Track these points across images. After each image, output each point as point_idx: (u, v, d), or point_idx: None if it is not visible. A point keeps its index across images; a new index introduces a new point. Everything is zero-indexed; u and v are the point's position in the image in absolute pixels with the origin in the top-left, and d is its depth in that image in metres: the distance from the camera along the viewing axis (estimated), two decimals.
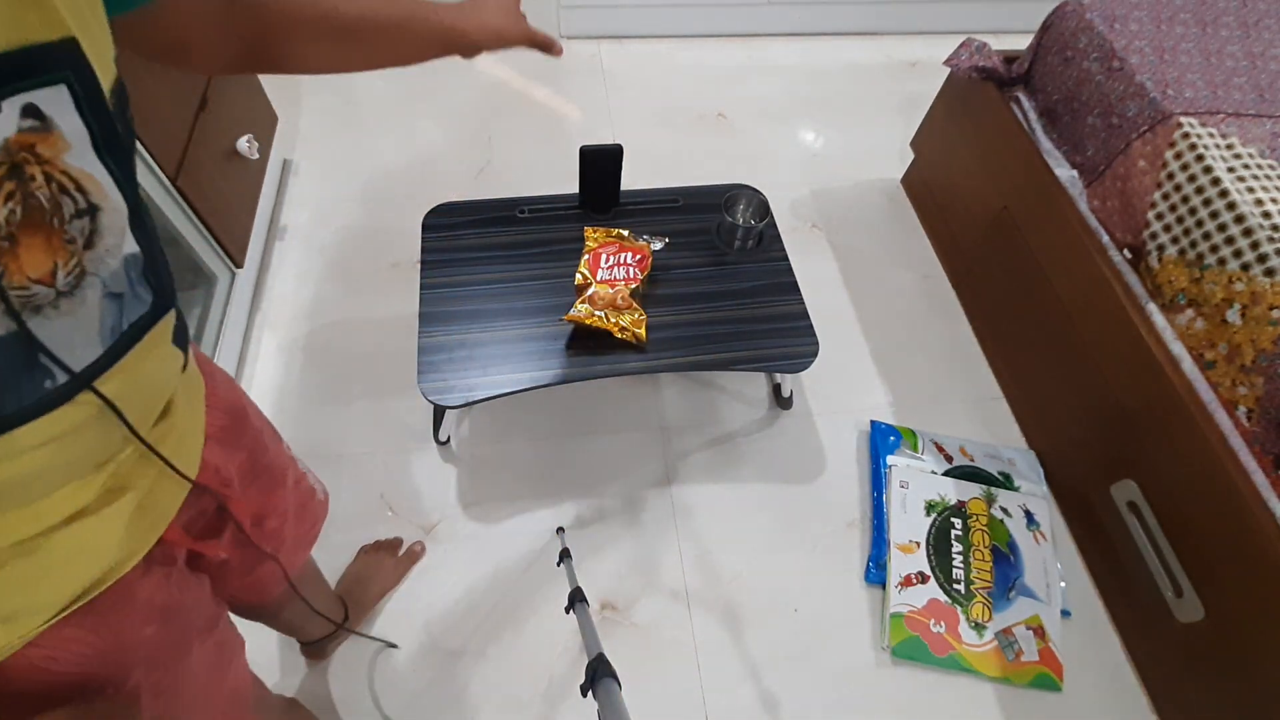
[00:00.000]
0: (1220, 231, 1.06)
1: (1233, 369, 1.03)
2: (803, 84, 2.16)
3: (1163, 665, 1.16)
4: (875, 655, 1.19)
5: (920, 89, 1.89)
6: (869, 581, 1.25)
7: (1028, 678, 1.16)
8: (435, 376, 1.10)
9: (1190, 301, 1.09)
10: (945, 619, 1.19)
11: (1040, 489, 1.36)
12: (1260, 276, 1.01)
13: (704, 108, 2.06)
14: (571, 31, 2.20)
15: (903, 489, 1.32)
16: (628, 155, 1.28)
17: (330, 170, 1.79)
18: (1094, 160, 1.28)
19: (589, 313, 1.12)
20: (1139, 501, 1.14)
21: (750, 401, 1.47)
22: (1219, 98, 1.19)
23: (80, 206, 0.36)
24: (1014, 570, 1.24)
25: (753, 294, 1.24)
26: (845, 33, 2.32)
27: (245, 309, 1.47)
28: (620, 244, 1.22)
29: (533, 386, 1.10)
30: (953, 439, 1.41)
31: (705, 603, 1.22)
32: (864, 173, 1.93)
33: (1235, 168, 1.09)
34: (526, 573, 1.23)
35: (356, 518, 1.25)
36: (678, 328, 1.18)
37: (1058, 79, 1.38)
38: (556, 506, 1.30)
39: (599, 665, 0.68)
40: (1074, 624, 1.23)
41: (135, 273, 0.41)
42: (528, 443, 1.37)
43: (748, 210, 1.31)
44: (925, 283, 1.71)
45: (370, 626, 1.16)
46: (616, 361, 1.13)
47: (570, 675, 1.14)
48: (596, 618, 1.19)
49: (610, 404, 1.44)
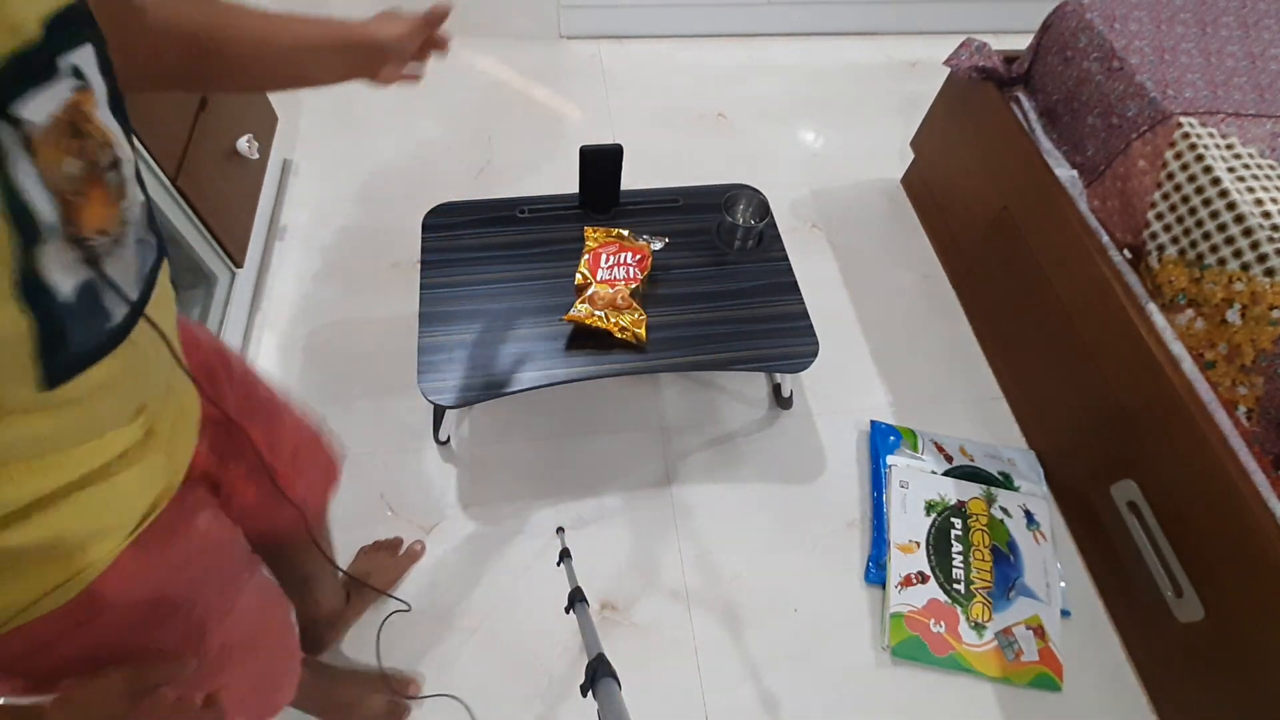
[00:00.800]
0: (1220, 231, 1.06)
1: (1233, 369, 1.03)
2: (803, 84, 2.16)
3: (1163, 665, 1.16)
4: (875, 655, 1.19)
5: (920, 89, 1.89)
6: (869, 581, 1.25)
7: (1028, 678, 1.16)
8: (435, 376, 1.10)
9: (1190, 301, 1.09)
10: (945, 619, 1.19)
11: (1040, 489, 1.36)
12: (1260, 276, 1.01)
13: (704, 108, 2.06)
14: (571, 31, 2.20)
15: (903, 489, 1.32)
16: (628, 155, 1.28)
17: (330, 170, 1.79)
18: (1094, 160, 1.28)
19: (589, 313, 1.12)
20: (1139, 501, 1.14)
21: (750, 401, 1.47)
22: (1219, 98, 1.19)
23: (111, 159, 0.39)
24: (1014, 570, 1.24)
25: (753, 294, 1.24)
26: (845, 33, 2.32)
27: (245, 309, 1.47)
28: (620, 244, 1.22)
29: (533, 386, 1.10)
30: (953, 439, 1.41)
31: (705, 603, 1.22)
32: (864, 173, 1.93)
33: (1235, 168, 1.09)
34: (526, 573, 1.23)
35: (356, 518, 1.25)
36: (678, 328, 1.18)
37: (1058, 79, 1.38)
38: (556, 506, 1.30)
39: (599, 665, 0.68)
40: (1074, 624, 1.23)
41: (146, 219, 0.45)
42: (528, 443, 1.37)
43: (748, 210, 1.31)
44: (925, 283, 1.71)
45: (367, 629, 1.16)
46: (616, 361, 1.13)
47: (570, 675, 1.14)
48: (596, 618, 1.19)
49: (610, 404, 1.44)
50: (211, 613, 0.59)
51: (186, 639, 0.56)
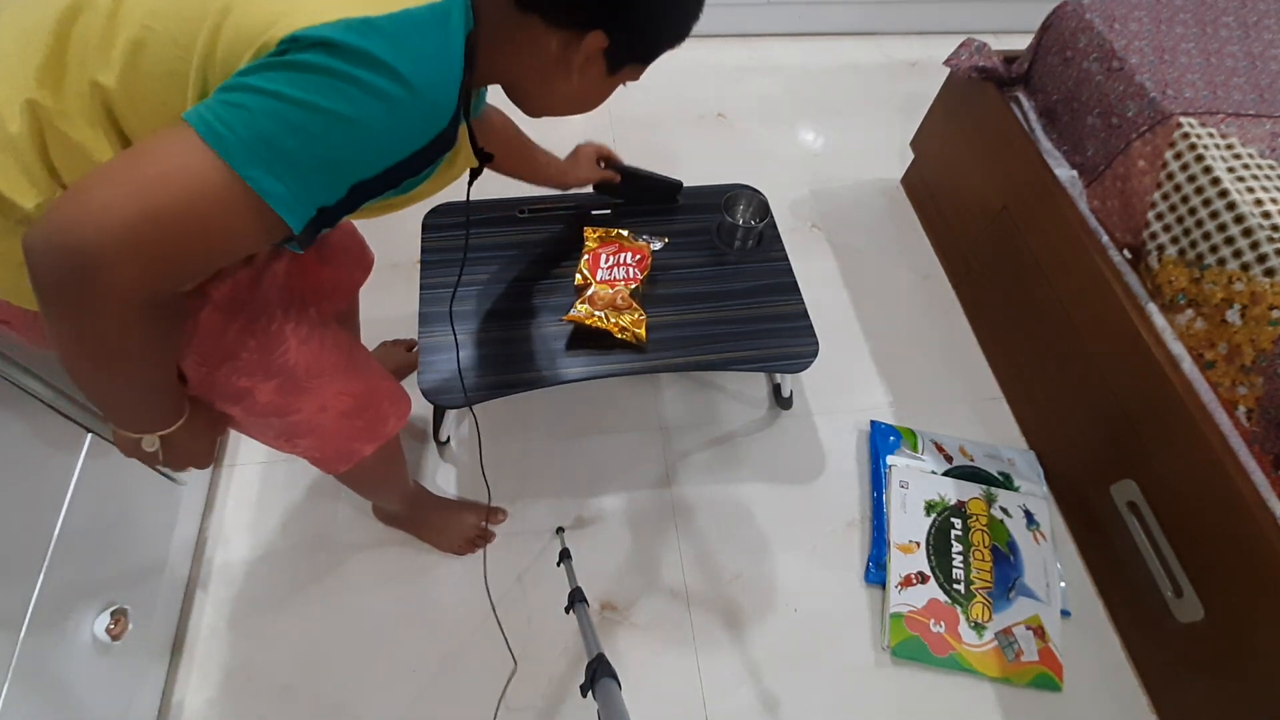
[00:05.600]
0: (1220, 231, 1.06)
1: (1232, 369, 1.03)
2: (803, 84, 2.16)
3: (1163, 665, 1.16)
4: (875, 655, 1.19)
5: (920, 89, 1.89)
6: (869, 581, 1.25)
7: (1027, 678, 1.16)
8: (435, 376, 1.10)
9: (1190, 301, 1.09)
10: (945, 619, 1.19)
11: (1040, 489, 1.36)
12: (1260, 276, 1.01)
13: (704, 107, 2.06)
14: None
15: (903, 489, 1.32)
16: (627, 156, 1.28)
17: None
18: (1094, 160, 1.28)
19: (589, 313, 1.12)
20: (1139, 501, 1.14)
21: (750, 401, 1.47)
22: (1219, 98, 1.19)
23: None
24: (1014, 570, 1.24)
25: (753, 294, 1.24)
26: (845, 33, 2.32)
27: None
28: (620, 244, 1.22)
29: (533, 387, 1.10)
30: (953, 439, 1.41)
31: (705, 603, 1.22)
32: (864, 173, 1.93)
33: (1235, 168, 1.09)
34: (526, 573, 1.23)
35: (356, 518, 1.25)
36: (678, 328, 1.18)
37: (1058, 79, 1.38)
38: (556, 506, 1.30)
39: (599, 665, 0.68)
40: (1074, 624, 1.23)
41: None
42: (528, 443, 1.37)
43: (748, 210, 1.31)
44: (925, 283, 1.71)
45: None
46: (616, 362, 1.13)
47: (570, 675, 1.14)
48: (596, 618, 1.19)
49: (610, 404, 1.44)
50: (290, 329, 0.76)
51: (272, 341, 0.74)
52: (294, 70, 0.47)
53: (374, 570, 1.21)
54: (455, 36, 0.53)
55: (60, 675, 0.84)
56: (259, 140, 0.47)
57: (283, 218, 0.50)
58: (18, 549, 0.81)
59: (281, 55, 0.48)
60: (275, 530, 1.24)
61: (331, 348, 0.82)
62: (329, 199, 0.52)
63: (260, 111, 0.47)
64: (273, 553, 1.22)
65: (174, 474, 1.13)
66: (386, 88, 0.48)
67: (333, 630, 1.15)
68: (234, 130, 0.47)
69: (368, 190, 0.54)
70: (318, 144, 0.49)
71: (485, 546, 1.24)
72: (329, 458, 0.89)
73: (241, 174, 0.47)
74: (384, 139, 0.51)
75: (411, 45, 0.50)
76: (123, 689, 0.97)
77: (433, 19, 0.51)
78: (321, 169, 0.50)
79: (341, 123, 0.48)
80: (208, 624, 1.15)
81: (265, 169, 0.48)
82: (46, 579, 0.83)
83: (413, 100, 0.50)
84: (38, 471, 0.86)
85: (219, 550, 1.21)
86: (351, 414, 0.85)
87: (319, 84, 0.47)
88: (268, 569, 1.20)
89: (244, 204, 0.48)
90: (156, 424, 0.66)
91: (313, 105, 0.47)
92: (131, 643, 0.96)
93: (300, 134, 0.48)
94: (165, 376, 0.63)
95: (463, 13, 0.54)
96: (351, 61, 0.47)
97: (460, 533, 1.22)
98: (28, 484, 0.84)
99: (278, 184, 0.49)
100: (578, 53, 0.62)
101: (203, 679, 1.10)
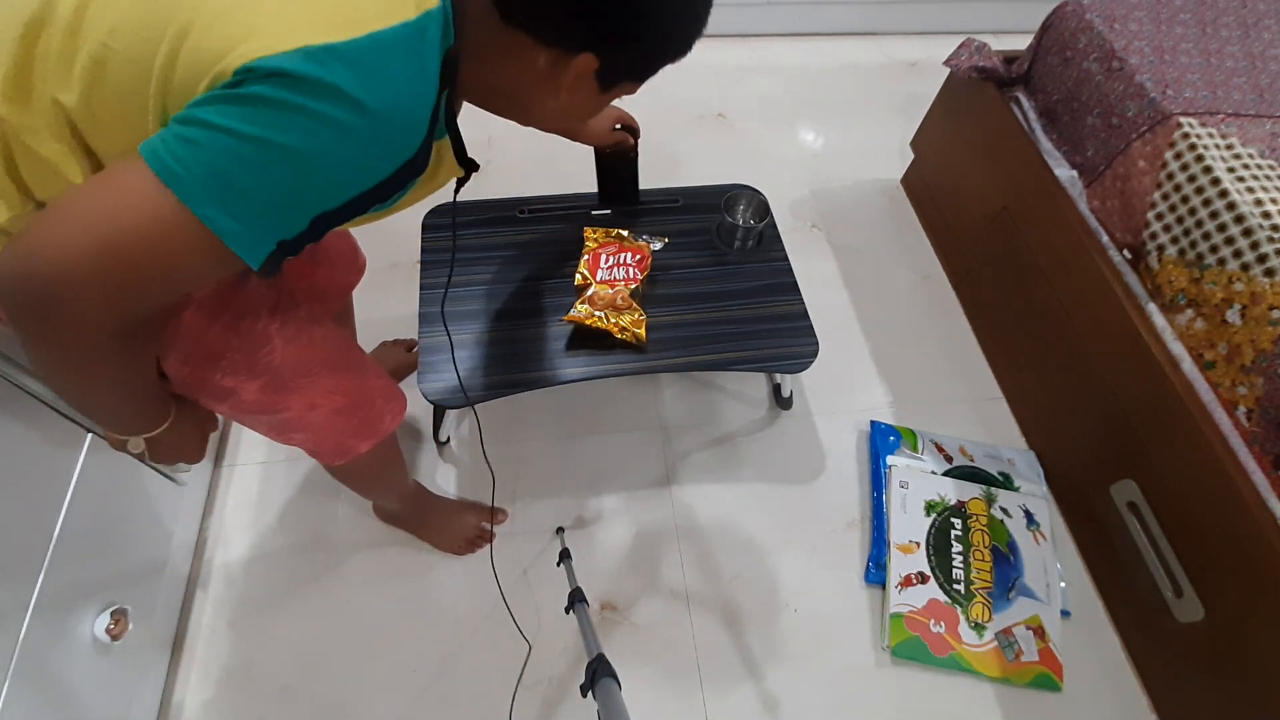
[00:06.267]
0: (1220, 231, 1.06)
1: (1232, 369, 1.03)
2: (803, 84, 2.16)
3: (1163, 665, 1.16)
4: (875, 655, 1.19)
5: (920, 89, 1.89)
6: (869, 581, 1.25)
7: (1027, 678, 1.16)
8: (435, 376, 1.10)
9: (1190, 302, 1.09)
10: (945, 619, 1.19)
11: (1040, 489, 1.36)
12: (1260, 276, 1.01)
13: (704, 108, 2.06)
14: None
15: (903, 489, 1.32)
16: None
17: None
18: (1094, 160, 1.28)
19: (589, 313, 1.12)
20: (1139, 501, 1.14)
21: (750, 401, 1.47)
22: (1219, 98, 1.19)
23: None
24: (1014, 570, 1.24)
25: (753, 294, 1.24)
26: (845, 33, 2.32)
27: None
28: (620, 244, 1.22)
29: (533, 387, 1.10)
30: (952, 439, 1.41)
31: (705, 603, 1.22)
32: (864, 173, 1.93)
33: (1235, 168, 1.09)
34: (526, 573, 1.23)
35: (356, 518, 1.25)
36: (678, 328, 1.18)
37: (1058, 79, 1.38)
38: (556, 506, 1.30)
39: (599, 665, 0.68)
40: (1074, 624, 1.23)
41: None
42: (528, 443, 1.37)
43: (748, 210, 1.31)
44: (925, 283, 1.71)
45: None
46: (616, 362, 1.13)
47: (570, 675, 1.14)
48: (596, 618, 1.19)
49: (610, 404, 1.44)
50: (275, 331, 0.75)
51: (257, 341, 0.74)
52: (247, 104, 0.46)
53: (374, 570, 1.21)
54: (431, 54, 0.52)
55: (60, 675, 0.84)
56: (213, 177, 0.46)
57: (239, 255, 0.49)
58: (18, 549, 0.81)
59: (236, 87, 0.46)
60: (275, 530, 1.24)
61: (321, 346, 0.81)
62: (289, 232, 0.51)
63: (214, 149, 0.46)
64: (273, 552, 1.22)
65: (174, 475, 1.14)
66: (344, 118, 0.47)
67: (333, 630, 1.15)
68: (188, 168, 0.46)
69: (331, 220, 0.53)
70: (274, 180, 0.48)
71: (487, 546, 1.24)
72: (325, 451, 0.90)
73: (197, 213, 0.46)
74: (344, 171, 0.50)
75: (376, 71, 0.48)
76: (123, 689, 0.97)
77: (404, 39, 0.50)
78: (279, 205, 0.49)
79: (298, 157, 0.47)
80: (208, 624, 1.15)
81: (221, 207, 0.47)
82: (46, 579, 0.83)
83: (372, 130, 0.49)
84: (38, 471, 0.85)
85: (219, 550, 1.22)
86: (344, 411, 0.85)
87: (273, 118, 0.46)
88: (267, 568, 1.20)
89: (201, 241, 0.48)
90: (140, 428, 0.67)
91: (266, 141, 0.46)
92: (131, 642, 0.96)
93: (256, 171, 0.47)
94: (143, 387, 0.64)
95: (440, 28, 0.53)
96: (307, 93, 0.46)
97: (460, 533, 1.22)
98: (28, 484, 0.84)
99: (233, 222, 0.48)
100: (567, 72, 0.60)
101: (203, 679, 1.10)
